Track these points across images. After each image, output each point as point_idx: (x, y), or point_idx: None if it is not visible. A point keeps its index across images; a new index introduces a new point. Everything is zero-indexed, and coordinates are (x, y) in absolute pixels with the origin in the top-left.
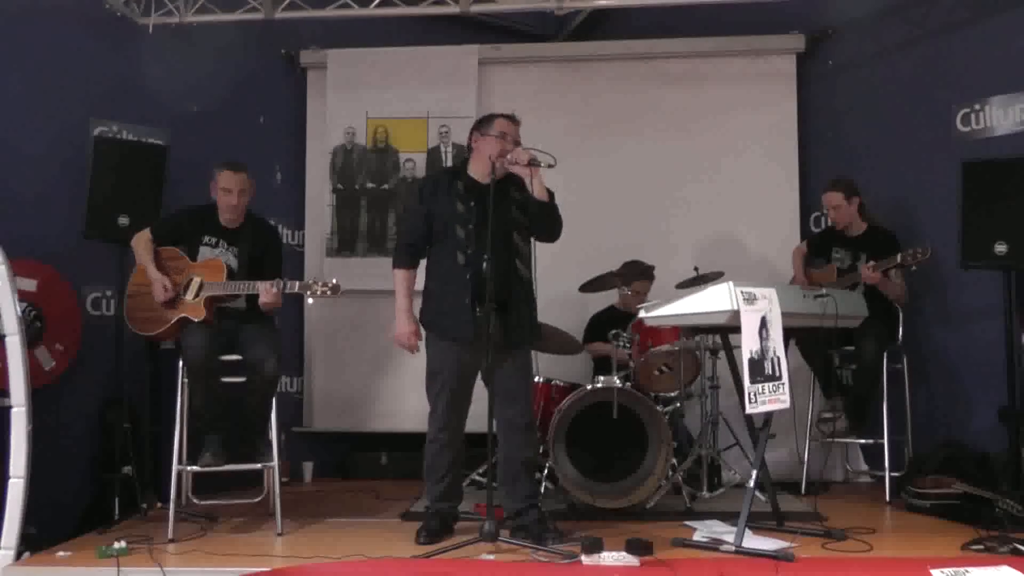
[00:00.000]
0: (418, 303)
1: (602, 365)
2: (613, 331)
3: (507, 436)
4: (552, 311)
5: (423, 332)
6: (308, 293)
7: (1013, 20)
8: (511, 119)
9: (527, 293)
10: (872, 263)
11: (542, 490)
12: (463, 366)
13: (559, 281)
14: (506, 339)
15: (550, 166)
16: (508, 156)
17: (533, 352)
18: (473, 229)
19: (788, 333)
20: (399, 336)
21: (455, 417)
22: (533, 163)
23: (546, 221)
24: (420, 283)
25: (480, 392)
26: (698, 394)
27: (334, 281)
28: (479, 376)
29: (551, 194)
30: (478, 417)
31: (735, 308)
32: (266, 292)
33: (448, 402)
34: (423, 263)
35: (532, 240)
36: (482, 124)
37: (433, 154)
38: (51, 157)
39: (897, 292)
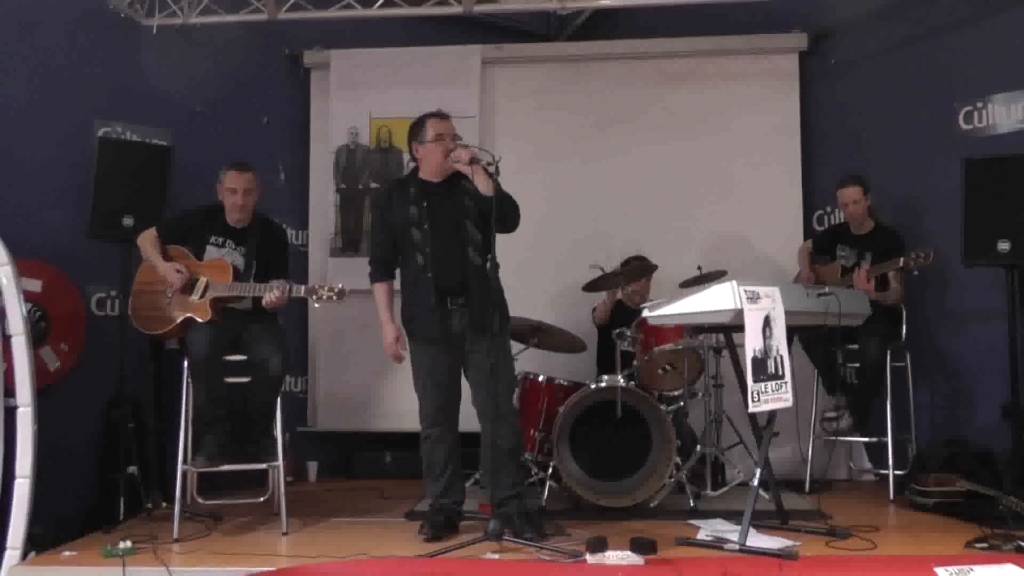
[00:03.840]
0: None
1: (606, 364)
2: (617, 330)
3: (486, 424)
4: (555, 310)
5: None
6: (313, 298)
7: (1015, 18)
8: (441, 117)
9: (484, 280)
10: (867, 267)
11: (546, 490)
12: (441, 363)
13: (561, 280)
14: (472, 328)
15: (489, 164)
16: (451, 156)
17: (536, 351)
18: (428, 229)
19: (791, 331)
20: (386, 346)
21: (444, 412)
22: (474, 161)
23: (497, 213)
24: None
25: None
26: (702, 393)
27: (340, 286)
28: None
29: (498, 185)
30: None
31: (738, 307)
32: (271, 294)
33: (434, 398)
34: None
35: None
36: (416, 132)
37: None
38: (55, 158)
39: (892, 298)
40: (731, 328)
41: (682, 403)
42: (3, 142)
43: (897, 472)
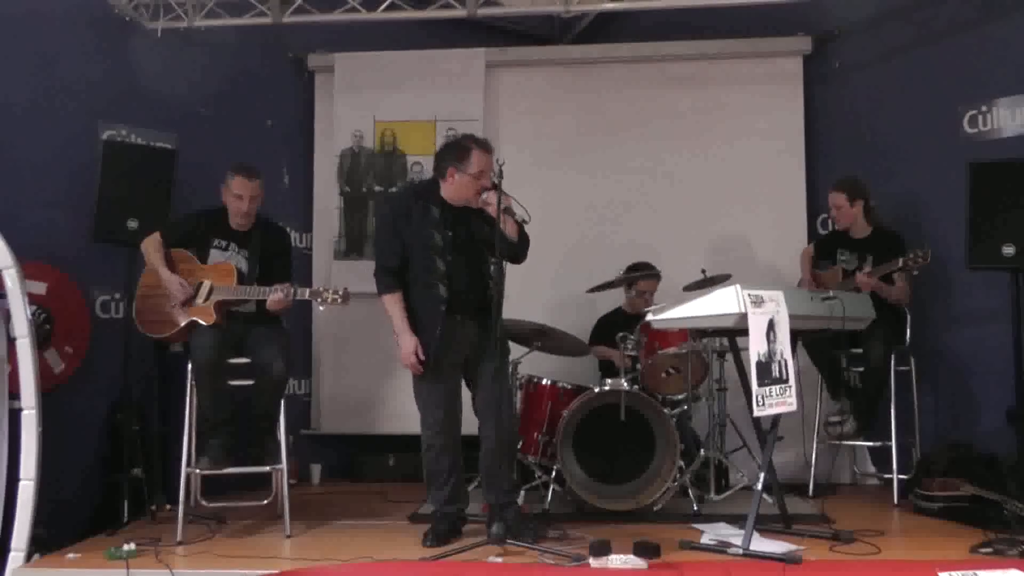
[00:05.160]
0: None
1: (609, 367)
2: (620, 334)
3: (488, 430)
4: (560, 313)
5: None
6: (318, 301)
7: (1020, 21)
8: (488, 151)
9: (497, 306)
10: (868, 270)
11: (550, 494)
12: (446, 374)
13: (565, 283)
14: (480, 349)
15: (524, 222)
16: (484, 196)
17: (539, 354)
18: (452, 258)
19: (795, 335)
20: (405, 356)
21: (449, 422)
22: (507, 213)
23: (514, 252)
24: None
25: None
26: (705, 396)
27: (345, 289)
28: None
29: (521, 228)
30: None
31: (743, 311)
32: (274, 296)
33: (440, 409)
34: None
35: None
36: (457, 156)
37: None
38: (60, 160)
39: (897, 295)
40: (735, 332)
41: (686, 407)
42: (8, 144)
43: (901, 476)
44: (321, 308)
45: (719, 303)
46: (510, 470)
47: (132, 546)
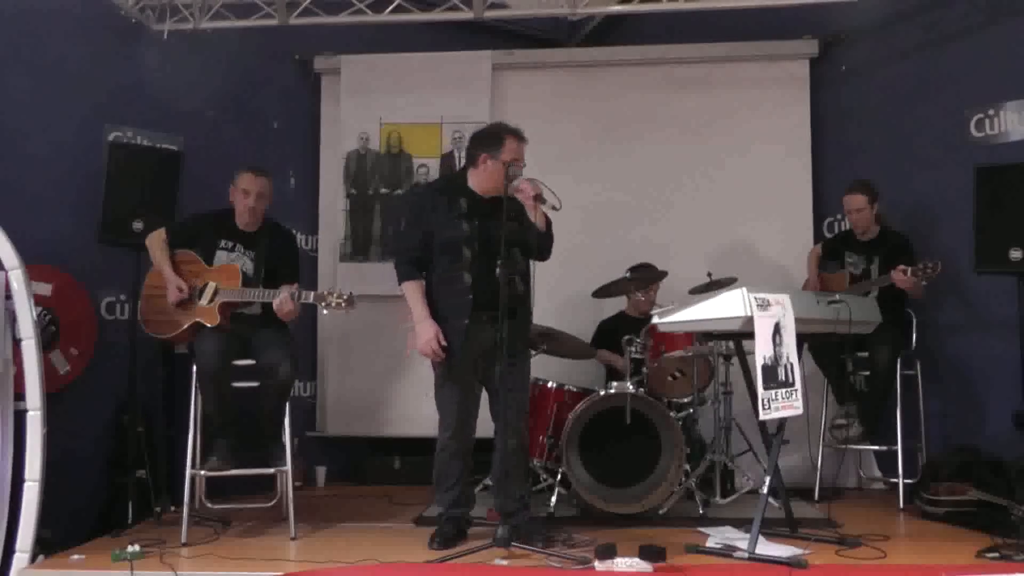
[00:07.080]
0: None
1: (615, 370)
2: (627, 337)
3: (502, 436)
4: (565, 316)
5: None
6: (322, 304)
7: None
8: (520, 138)
9: (523, 304)
10: (905, 268)
11: (555, 496)
12: (468, 375)
13: (571, 286)
14: (504, 344)
15: (555, 208)
16: (515, 183)
17: (546, 356)
18: (479, 248)
19: (802, 339)
20: (425, 344)
21: (465, 425)
22: (539, 199)
23: (541, 247)
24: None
25: (485, 397)
26: (711, 399)
27: (349, 293)
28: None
29: (548, 222)
30: (487, 422)
31: (749, 314)
32: (284, 302)
33: (458, 412)
34: None
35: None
36: (490, 143)
37: (447, 159)
38: (66, 162)
39: (920, 290)
40: (741, 335)
41: (691, 410)
42: (13, 146)
43: (907, 481)
44: (325, 312)
45: (725, 306)
46: (523, 478)
47: (137, 547)
